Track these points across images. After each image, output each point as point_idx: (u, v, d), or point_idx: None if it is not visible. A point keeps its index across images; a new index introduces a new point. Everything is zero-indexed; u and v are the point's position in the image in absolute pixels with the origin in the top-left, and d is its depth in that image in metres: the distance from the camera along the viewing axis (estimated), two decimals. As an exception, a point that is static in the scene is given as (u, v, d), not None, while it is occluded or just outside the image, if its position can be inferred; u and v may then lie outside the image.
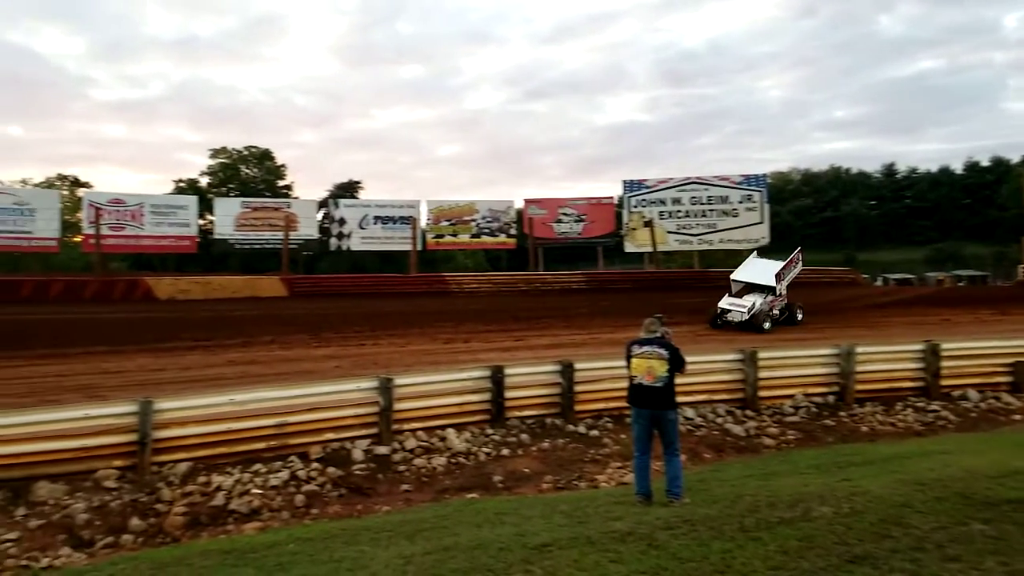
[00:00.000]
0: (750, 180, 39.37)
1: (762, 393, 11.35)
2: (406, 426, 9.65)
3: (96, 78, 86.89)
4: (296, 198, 43.48)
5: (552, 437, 9.97)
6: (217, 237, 36.53)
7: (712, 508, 5.69)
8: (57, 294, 27.35)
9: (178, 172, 68.44)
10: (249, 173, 49.88)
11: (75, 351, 15.55)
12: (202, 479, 8.11)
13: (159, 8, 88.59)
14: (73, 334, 18.07)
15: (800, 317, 20.33)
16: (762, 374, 11.37)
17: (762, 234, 38.56)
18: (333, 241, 38.29)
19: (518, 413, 10.42)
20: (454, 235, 40.27)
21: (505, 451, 9.47)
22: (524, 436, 9.93)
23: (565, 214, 41.04)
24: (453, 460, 9.12)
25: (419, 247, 38.49)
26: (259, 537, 6.43)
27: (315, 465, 8.59)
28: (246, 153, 49.69)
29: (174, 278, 31.47)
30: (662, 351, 6.21)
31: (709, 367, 11.38)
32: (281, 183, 50.24)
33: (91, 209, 32.97)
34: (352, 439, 9.21)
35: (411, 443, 9.35)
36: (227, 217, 36.49)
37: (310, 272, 38.73)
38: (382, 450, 9.11)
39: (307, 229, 37.66)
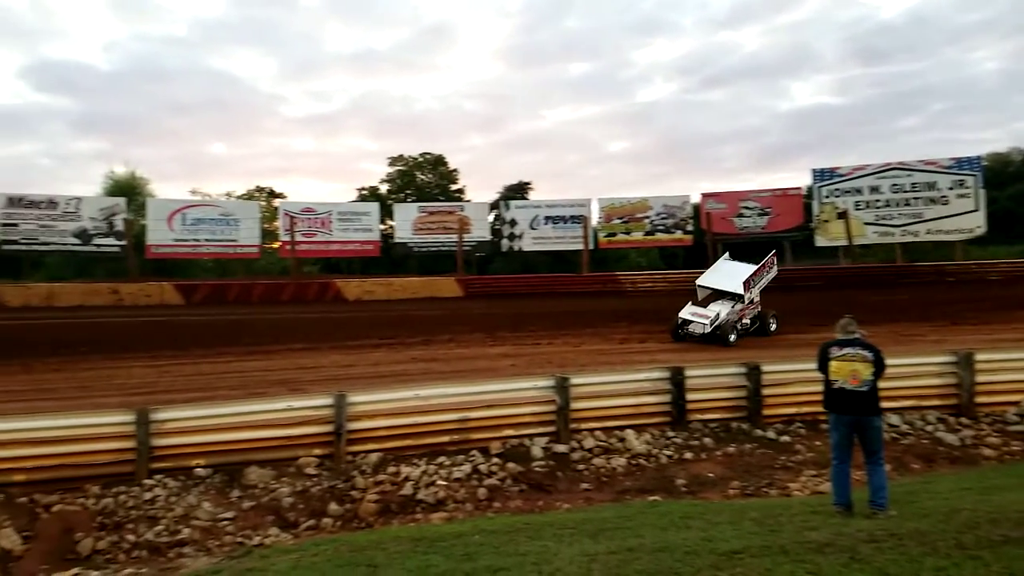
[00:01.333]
0: (962, 163, 35.34)
1: (980, 399, 10.37)
2: (583, 425, 9.78)
3: (286, 96, 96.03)
4: (468, 201, 45.27)
5: (738, 442, 9.66)
6: (397, 241, 39.02)
7: (922, 522, 5.24)
8: (259, 296, 30.60)
9: (360, 180, 74.18)
10: (424, 179, 52.74)
11: (277, 348, 17.32)
12: (391, 469, 8.74)
13: (339, 25, 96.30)
14: (274, 332, 20.14)
15: (774, 327, 18.51)
16: (980, 378, 10.38)
17: (977, 223, 34.53)
18: (505, 242, 39.47)
19: (700, 416, 10.21)
20: (627, 233, 39.97)
21: (688, 454, 9.31)
22: (707, 440, 9.71)
23: (747, 207, 39.29)
24: (633, 461, 9.12)
25: (591, 246, 38.63)
26: (445, 527, 6.82)
27: (495, 460, 8.96)
28: (421, 160, 52.64)
29: (360, 280, 34.05)
30: (866, 353, 5.84)
31: (917, 370, 10.54)
32: (454, 187, 52.62)
33: (286, 218, 36.50)
34: (531, 436, 9.49)
35: (589, 442, 9.47)
36: (405, 221, 38.88)
37: (483, 273, 40.18)
38: (560, 448, 9.30)
39: (480, 231, 39.16)
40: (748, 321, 18.00)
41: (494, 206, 42.92)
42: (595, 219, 40.12)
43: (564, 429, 9.61)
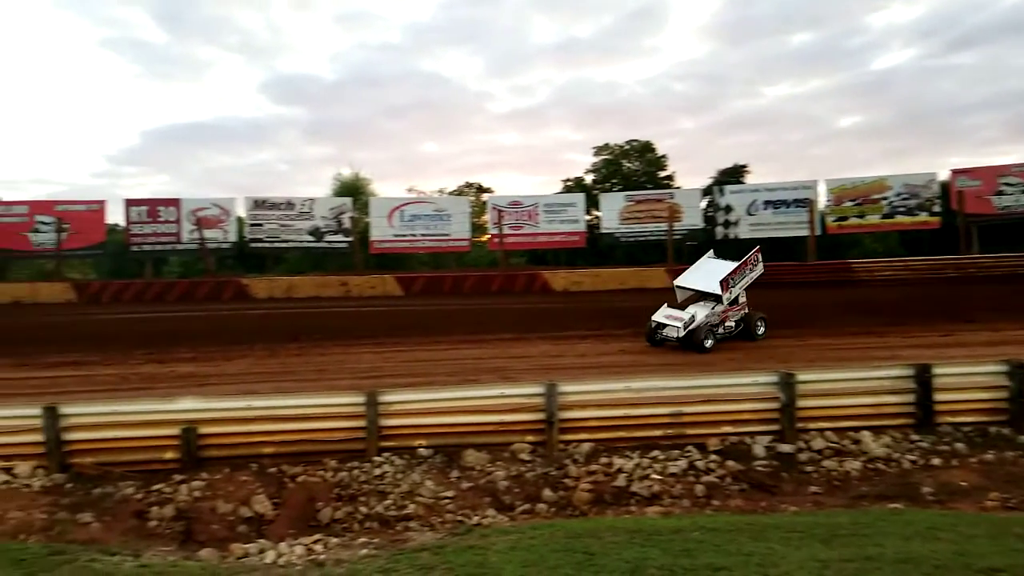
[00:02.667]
0: None
1: None
2: (811, 425, 9.25)
3: (492, 92, 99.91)
4: (678, 188, 44.26)
5: (998, 448, 8.62)
6: (603, 231, 39.24)
7: None
8: (470, 288, 32.32)
9: (565, 171, 75.25)
10: (631, 167, 52.35)
11: (488, 337, 18.21)
12: (604, 460, 8.85)
13: (543, 18, 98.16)
14: (485, 322, 21.17)
15: (762, 331, 17.15)
16: None
17: None
18: (719, 230, 38.17)
19: (951, 419, 9.27)
20: (860, 216, 36.90)
21: (935, 460, 8.46)
22: (959, 445, 8.76)
23: (1008, 184, 34.58)
24: (870, 465, 8.47)
25: (817, 232, 36.18)
26: (662, 521, 6.80)
27: (713, 457, 8.75)
28: (627, 147, 52.29)
29: (567, 271, 34.70)
30: None
31: None
32: (662, 174, 51.65)
33: (494, 211, 38.14)
34: (751, 434, 9.15)
35: (818, 443, 8.93)
36: (612, 211, 38.97)
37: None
38: (785, 448, 8.87)
39: (691, 219, 38.20)
40: (733, 324, 16.89)
41: (707, 192, 41.60)
42: (822, 202, 37.48)
43: (789, 428, 9.14)
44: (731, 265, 17.18)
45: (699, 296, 17.05)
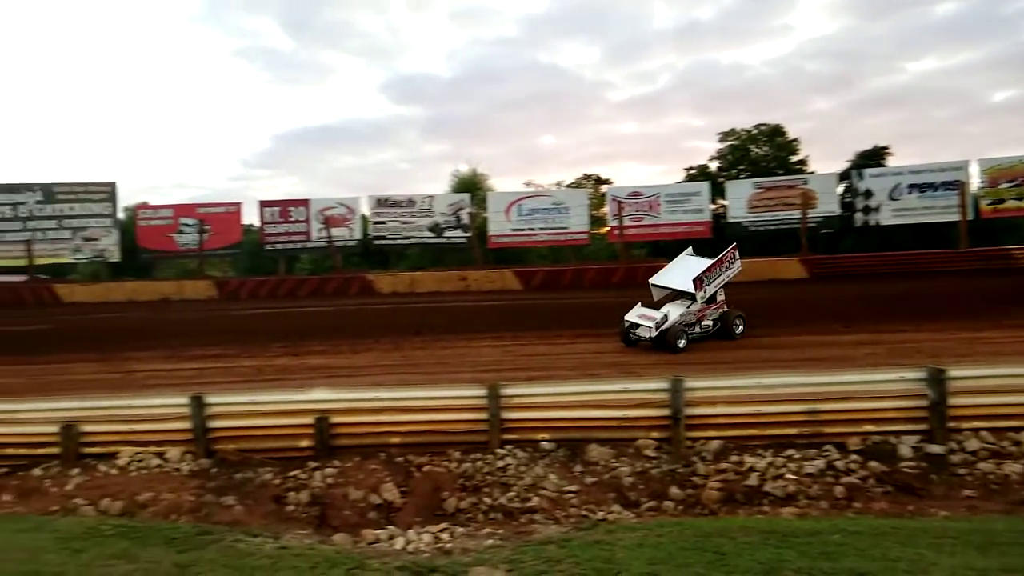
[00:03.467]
0: None
1: None
2: (964, 424, 8.66)
3: (611, 81, 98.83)
4: (812, 173, 42.21)
5: None
6: (730, 220, 38.05)
7: None
8: (590, 281, 32.24)
9: (686, 159, 73.56)
10: (759, 152, 50.41)
11: (607, 331, 18.09)
12: (734, 458, 8.65)
13: (661, 3, 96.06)
14: (605, 316, 21.04)
15: (740, 330, 17.01)
16: None
17: None
18: (858, 216, 36.10)
19: None
20: (1020, 199, 33.94)
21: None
22: None
23: None
24: (1036, 470, 7.82)
25: (970, 216, 33.55)
26: (798, 522, 6.57)
27: (854, 457, 8.36)
28: (755, 132, 50.38)
29: (691, 263, 33.84)
30: None
31: None
32: (794, 159, 49.40)
33: (614, 203, 37.79)
34: (896, 433, 8.66)
35: (973, 444, 8.36)
36: (739, 200, 37.67)
37: (832, 252, 37.18)
38: (935, 449, 8.35)
39: (827, 205, 36.34)
40: (710, 323, 16.75)
41: (844, 176, 39.44)
42: (975, 184, 34.71)
43: (939, 428, 8.59)
44: (706, 262, 16.98)
45: (675, 295, 16.87)
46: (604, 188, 46.97)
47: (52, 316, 25.95)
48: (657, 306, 16.75)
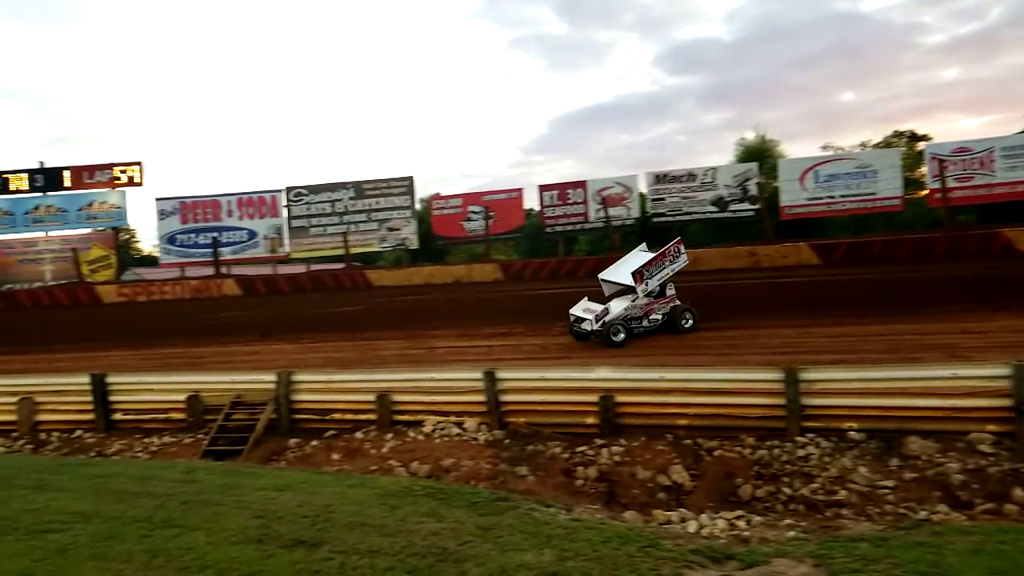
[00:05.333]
0: None
1: None
2: None
3: (924, 23, 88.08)
4: None
5: None
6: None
7: None
8: (905, 253, 29.16)
9: (1030, 104, 63.18)
10: None
11: (931, 309, 16.25)
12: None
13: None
14: (924, 292, 18.95)
15: (689, 324, 16.84)
16: None
17: None
18: None
19: None
20: None
21: None
22: None
23: None
24: None
25: None
26: None
27: None
28: None
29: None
30: None
31: None
32: None
33: (934, 162, 33.75)
34: None
35: None
36: (1104, 149, 31.69)
37: None
38: None
39: None
40: (659, 316, 16.87)
41: None
42: None
43: None
44: (649, 256, 17.21)
45: (624, 289, 17.13)
46: (921, 145, 42.18)
47: (365, 298, 29.65)
48: (607, 300, 17.15)
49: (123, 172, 38.57)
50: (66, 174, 38.29)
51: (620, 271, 17.62)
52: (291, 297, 32.82)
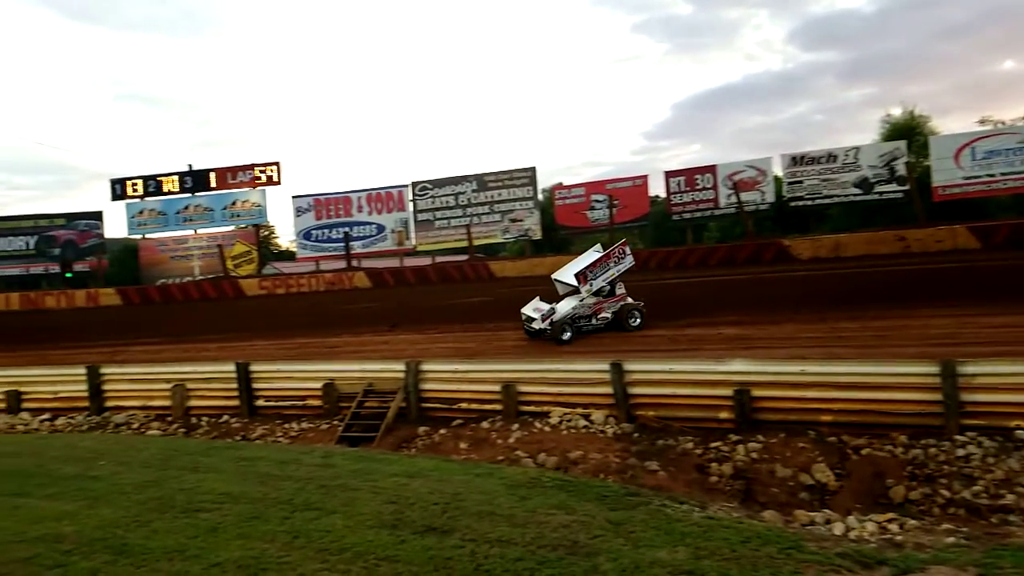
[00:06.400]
0: None
1: None
2: None
3: (1107, -27, 79.45)
4: None
5: None
6: None
7: None
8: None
9: None
10: None
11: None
12: None
13: None
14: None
15: (636, 322, 17.90)
16: None
17: None
18: None
19: None
20: None
21: None
22: None
23: None
24: None
25: None
26: None
27: None
28: None
29: None
30: None
31: None
32: None
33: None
34: None
35: None
36: None
37: None
38: None
39: None
40: (609, 315, 17.80)
41: None
42: None
43: None
44: (595, 257, 18.34)
45: (575, 290, 17.95)
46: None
47: (488, 289, 30.07)
48: (560, 300, 18.11)
49: (262, 172, 40.78)
50: (212, 175, 40.91)
51: (567, 272, 18.67)
52: (417, 288, 33.73)
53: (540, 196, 41.28)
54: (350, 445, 11.30)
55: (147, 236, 41.15)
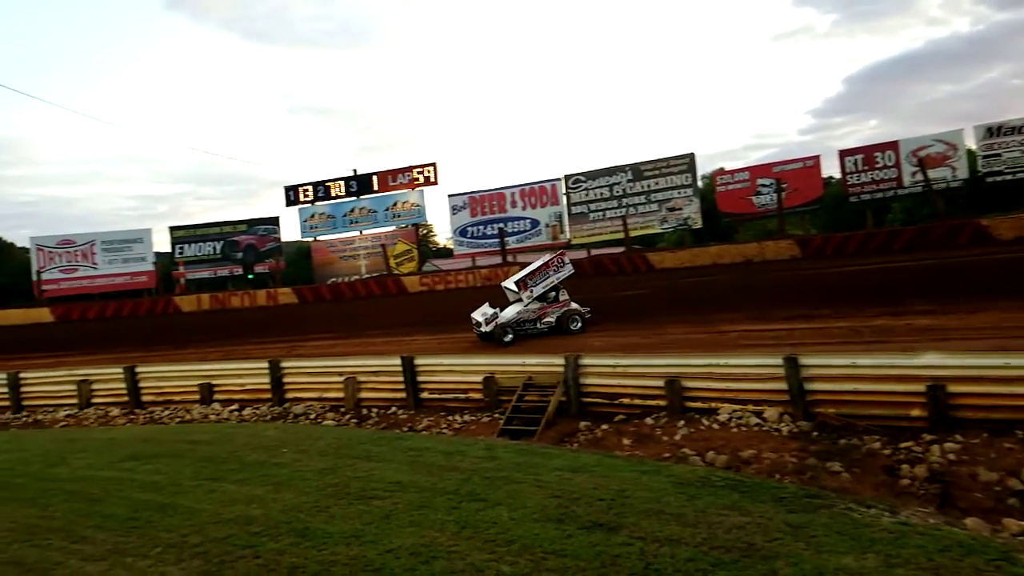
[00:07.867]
0: None
1: None
2: None
3: None
4: None
5: None
6: None
7: None
8: None
9: None
10: None
11: None
12: None
13: None
14: None
15: (577, 326, 20.03)
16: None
17: None
18: None
19: None
20: None
21: None
22: None
23: None
24: None
25: None
26: None
27: None
28: None
29: None
30: None
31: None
32: None
33: None
34: None
35: None
36: None
37: None
38: None
39: None
40: (552, 320, 19.83)
41: None
42: None
43: None
44: (534, 266, 20.25)
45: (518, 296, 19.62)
46: None
47: (647, 281, 29.60)
48: (508, 305, 19.92)
49: (420, 173, 42.33)
50: (374, 179, 42.99)
51: (511, 280, 20.59)
52: (573, 282, 33.83)
53: (700, 183, 40.14)
54: (511, 438, 11.44)
55: (318, 238, 43.75)
